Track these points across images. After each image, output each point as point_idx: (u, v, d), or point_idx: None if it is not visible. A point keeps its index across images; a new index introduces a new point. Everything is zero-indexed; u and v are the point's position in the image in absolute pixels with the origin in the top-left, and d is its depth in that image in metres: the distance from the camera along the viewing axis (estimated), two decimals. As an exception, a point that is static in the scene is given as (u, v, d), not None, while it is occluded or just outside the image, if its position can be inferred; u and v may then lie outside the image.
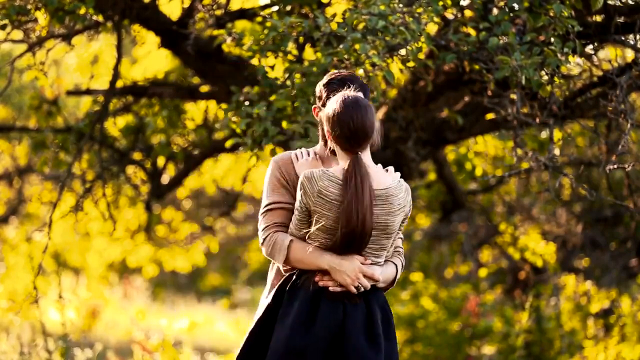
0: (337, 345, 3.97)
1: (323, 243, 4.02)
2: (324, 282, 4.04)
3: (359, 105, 4.00)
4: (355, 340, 3.95)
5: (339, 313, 4.00)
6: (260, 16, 6.39)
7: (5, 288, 13.07)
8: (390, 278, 4.15)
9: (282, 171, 4.18)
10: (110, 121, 8.21)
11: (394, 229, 4.05)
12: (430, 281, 11.72)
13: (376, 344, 3.99)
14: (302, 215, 4.02)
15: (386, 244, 4.06)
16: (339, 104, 4.00)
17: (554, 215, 10.42)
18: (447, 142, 7.30)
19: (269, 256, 4.16)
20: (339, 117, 3.99)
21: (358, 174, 3.96)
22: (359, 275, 4.02)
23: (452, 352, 10.58)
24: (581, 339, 10.26)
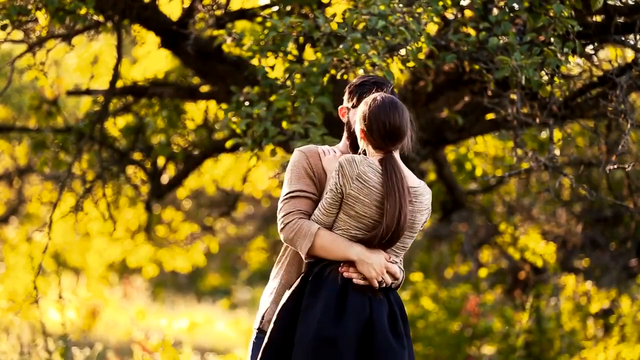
0: (366, 339, 3.96)
1: (352, 234, 4.01)
2: (348, 274, 4.02)
3: (396, 106, 4.05)
4: (383, 336, 3.96)
5: (366, 307, 4.00)
6: (260, 16, 6.39)
7: (5, 288, 13.07)
8: (400, 278, 4.17)
9: (310, 162, 4.14)
10: (110, 121, 8.21)
11: (418, 229, 4.10)
12: (430, 281, 11.72)
13: (401, 341, 4.01)
14: (335, 199, 3.99)
15: (408, 243, 4.11)
16: (378, 102, 4.04)
17: (554, 215, 10.42)
18: (447, 142, 7.30)
19: (290, 242, 4.06)
20: (377, 115, 4.02)
21: (397, 169, 4.01)
22: (384, 270, 4.03)
23: (452, 352, 10.58)
24: (581, 339, 10.26)
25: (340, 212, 4.01)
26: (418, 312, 10.94)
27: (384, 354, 3.94)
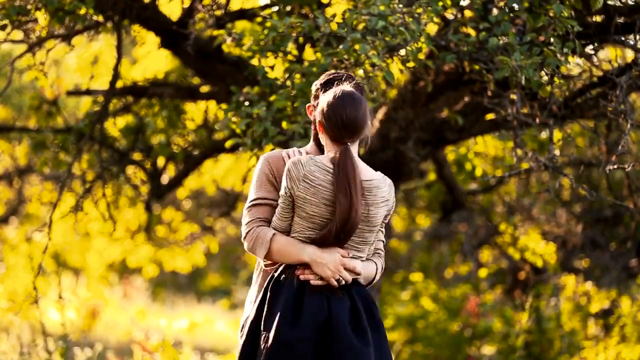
0: (325, 339, 3.95)
1: (307, 235, 4.02)
2: (305, 276, 4.02)
3: (353, 98, 4.02)
4: (343, 335, 3.94)
5: (324, 307, 3.98)
6: (260, 16, 6.39)
7: (5, 288, 13.07)
8: (371, 275, 4.14)
9: (272, 168, 4.16)
10: (110, 121, 8.21)
11: (377, 222, 4.04)
12: (430, 281, 11.73)
13: (364, 336, 3.99)
14: (286, 203, 4.01)
15: (369, 237, 4.07)
16: (335, 95, 4.04)
17: (554, 215, 10.42)
18: (447, 142, 7.30)
19: (251, 251, 4.12)
20: (332, 107, 4.01)
21: (349, 163, 3.97)
22: (340, 267, 4.01)
23: (452, 352, 10.58)
24: (581, 339, 10.26)
25: (294, 215, 4.02)
26: (418, 312, 10.95)
27: (345, 354, 3.92)
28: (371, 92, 5.51)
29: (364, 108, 4.04)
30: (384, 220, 4.12)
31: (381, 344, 4.06)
